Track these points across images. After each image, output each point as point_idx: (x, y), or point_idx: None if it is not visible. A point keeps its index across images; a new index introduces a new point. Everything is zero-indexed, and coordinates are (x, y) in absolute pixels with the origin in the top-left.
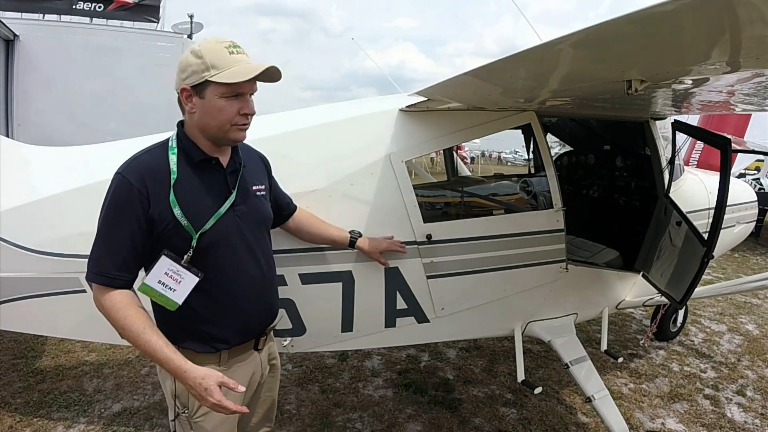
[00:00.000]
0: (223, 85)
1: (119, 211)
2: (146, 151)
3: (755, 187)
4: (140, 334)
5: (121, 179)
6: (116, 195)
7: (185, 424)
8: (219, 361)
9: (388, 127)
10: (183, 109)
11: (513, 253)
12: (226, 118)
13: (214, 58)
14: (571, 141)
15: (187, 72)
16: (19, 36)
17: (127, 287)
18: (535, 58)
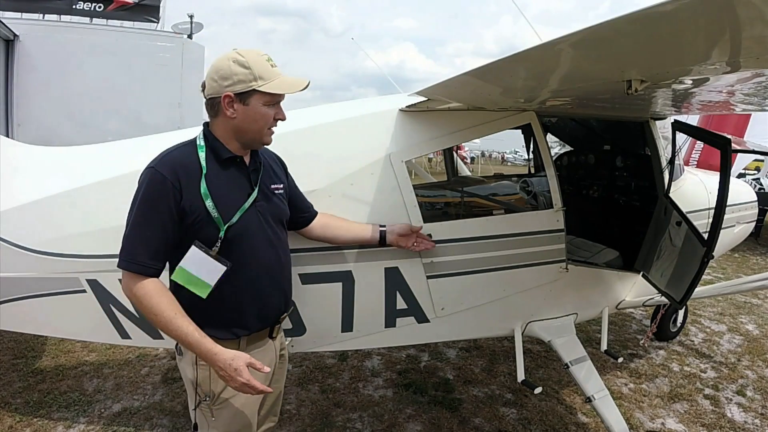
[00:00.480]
0: (268, 95)
1: (153, 203)
2: (175, 147)
3: (755, 187)
4: (172, 319)
5: (154, 172)
6: (149, 187)
7: (206, 411)
8: (238, 347)
9: (388, 127)
10: (215, 111)
11: (513, 253)
12: (266, 123)
13: (260, 70)
14: (571, 141)
15: (232, 80)
16: (19, 36)
17: (157, 276)
18: (535, 58)
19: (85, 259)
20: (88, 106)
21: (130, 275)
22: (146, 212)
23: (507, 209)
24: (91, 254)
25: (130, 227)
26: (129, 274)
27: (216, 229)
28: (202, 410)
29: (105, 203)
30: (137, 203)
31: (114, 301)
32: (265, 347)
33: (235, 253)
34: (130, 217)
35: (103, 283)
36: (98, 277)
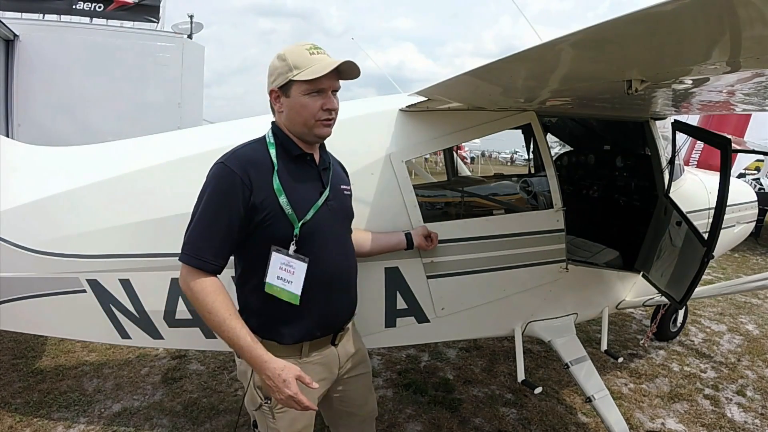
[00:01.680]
0: (305, 83)
1: (222, 198)
2: (245, 144)
3: (755, 187)
4: (225, 320)
5: (223, 167)
6: (219, 182)
7: (267, 414)
8: (300, 354)
9: (388, 127)
10: (272, 109)
11: (513, 253)
12: (310, 113)
13: (296, 59)
14: (571, 141)
15: (274, 75)
16: (19, 36)
17: (217, 273)
18: (535, 58)
19: (85, 259)
20: (88, 106)
21: (189, 269)
22: (214, 207)
23: (507, 209)
24: (91, 254)
25: (197, 221)
26: (189, 268)
27: (289, 226)
28: (264, 413)
29: (105, 203)
30: (205, 197)
31: (114, 301)
32: (328, 354)
33: (307, 252)
34: (197, 210)
35: (103, 283)
36: (98, 277)
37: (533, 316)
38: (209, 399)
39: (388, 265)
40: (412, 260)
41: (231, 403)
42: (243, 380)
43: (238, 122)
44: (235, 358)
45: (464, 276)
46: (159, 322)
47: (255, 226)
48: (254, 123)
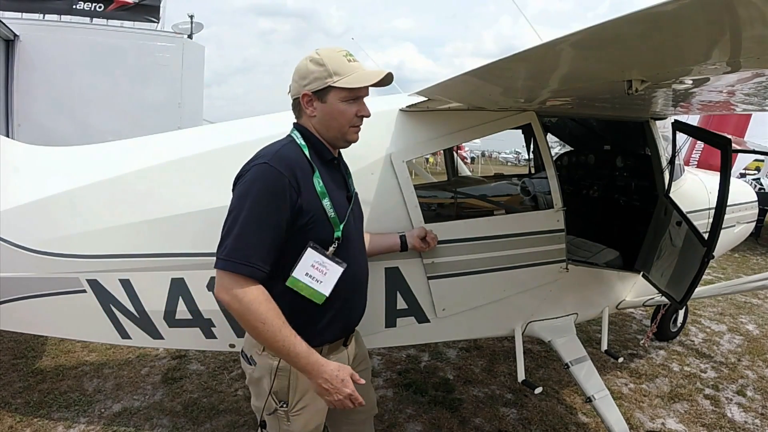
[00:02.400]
0: (345, 90)
1: (270, 200)
2: (279, 145)
3: (755, 187)
4: (281, 329)
5: (269, 168)
6: (267, 184)
7: (282, 418)
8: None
9: (388, 127)
10: (299, 112)
11: (513, 253)
12: (347, 119)
13: (336, 66)
14: (571, 141)
15: (308, 79)
16: (19, 36)
17: (264, 281)
18: (535, 58)
19: (85, 259)
20: (88, 106)
21: (235, 278)
22: (262, 211)
23: (508, 209)
24: (91, 254)
25: (241, 225)
26: (235, 276)
27: (331, 230)
28: (278, 417)
29: (105, 203)
30: (250, 200)
31: (114, 301)
32: (341, 356)
33: (343, 256)
34: (239, 214)
35: (103, 283)
36: (98, 277)
37: (533, 316)
38: (209, 399)
39: (388, 265)
40: (413, 260)
41: (231, 403)
42: (253, 386)
43: (238, 122)
44: (245, 364)
45: (465, 276)
46: (159, 322)
47: (297, 229)
48: (254, 123)
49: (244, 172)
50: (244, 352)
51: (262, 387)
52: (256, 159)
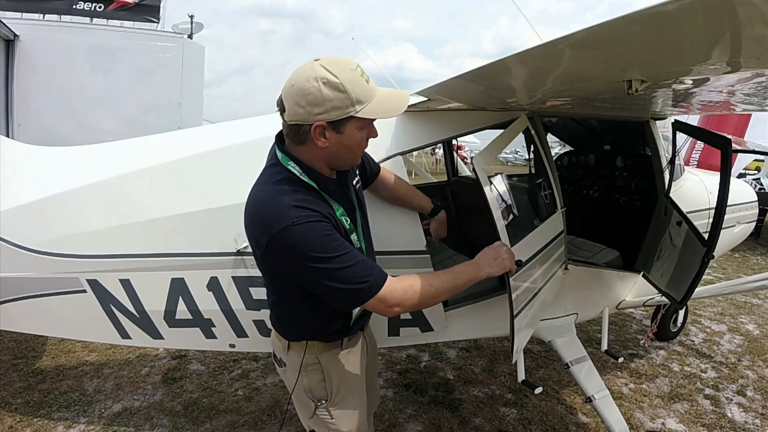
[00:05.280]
0: (365, 120)
1: (333, 235)
2: (286, 193)
3: (755, 187)
4: (447, 280)
5: (309, 215)
6: (317, 228)
7: (325, 414)
8: (341, 346)
9: (388, 127)
10: (301, 139)
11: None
12: (362, 149)
13: (358, 92)
14: (571, 141)
15: (325, 107)
16: (19, 36)
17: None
18: (535, 59)
19: (85, 259)
20: (88, 106)
21: (386, 287)
22: (336, 241)
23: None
24: (91, 254)
25: (338, 265)
26: (385, 287)
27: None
28: (320, 415)
29: (105, 203)
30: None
31: (114, 301)
32: (360, 341)
33: None
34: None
35: (103, 283)
36: (98, 277)
37: None
38: (209, 399)
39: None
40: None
41: (231, 403)
42: (291, 387)
43: (238, 122)
44: (278, 368)
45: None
46: (159, 322)
47: None
48: (254, 123)
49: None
50: (275, 355)
51: (299, 388)
52: (284, 219)
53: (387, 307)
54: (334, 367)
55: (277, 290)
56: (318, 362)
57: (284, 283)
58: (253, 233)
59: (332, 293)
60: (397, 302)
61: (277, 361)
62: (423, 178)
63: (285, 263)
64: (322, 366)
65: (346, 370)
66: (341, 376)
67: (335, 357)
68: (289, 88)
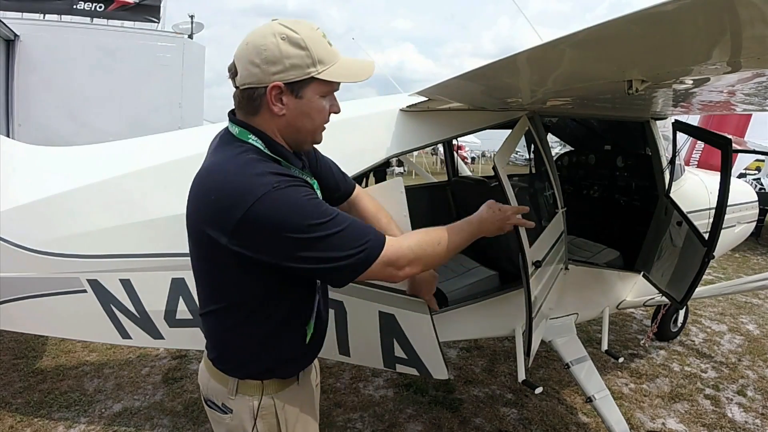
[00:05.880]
0: (328, 83)
1: (315, 197)
2: (263, 161)
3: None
4: (450, 235)
5: (290, 180)
6: (301, 191)
7: None
8: (298, 381)
9: (389, 127)
10: (255, 106)
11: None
12: (323, 119)
13: (321, 51)
14: (571, 141)
15: (283, 64)
16: (19, 36)
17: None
18: (535, 59)
19: (86, 259)
20: (88, 106)
21: (386, 249)
22: (325, 208)
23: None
24: (91, 254)
25: (333, 229)
26: (385, 250)
27: None
28: None
29: (105, 203)
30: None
31: (114, 301)
32: (312, 372)
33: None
34: (318, 226)
35: (103, 283)
36: (99, 277)
37: None
38: None
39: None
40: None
41: None
42: None
43: None
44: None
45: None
46: (159, 322)
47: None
48: None
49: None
50: (212, 401)
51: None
52: (249, 195)
53: (397, 270)
54: (291, 409)
55: (231, 308)
56: (273, 404)
57: (246, 290)
58: (216, 214)
59: (330, 265)
60: (407, 261)
61: (216, 407)
62: (423, 178)
63: (265, 241)
64: (276, 409)
65: (303, 412)
66: (297, 419)
67: (292, 396)
68: (242, 48)
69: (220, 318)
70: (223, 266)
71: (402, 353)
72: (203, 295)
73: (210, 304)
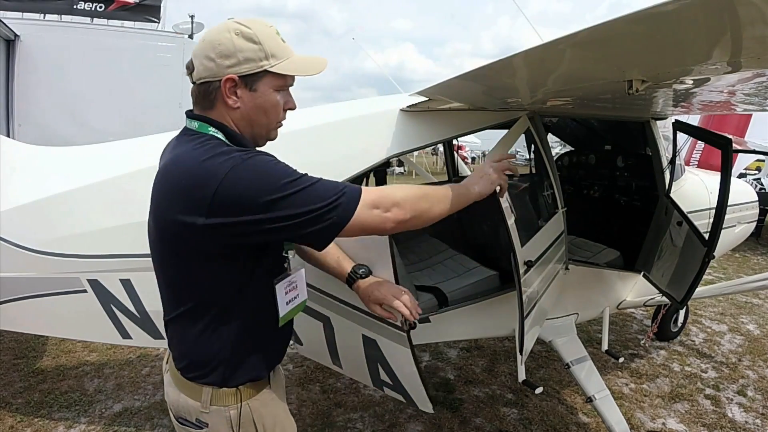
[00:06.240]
0: (280, 78)
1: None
2: (225, 146)
3: (756, 187)
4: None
5: (258, 152)
6: (269, 156)
7: None
8: (269, 383)
9: (389, 127)
10: (210, 100)
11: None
12: (277, 114)
13: (273, 46)
14: (571, 141)
15: (237, 58)
16: (19, 36)
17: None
18: (535, 59)
19: (86, 259)
20: (88, 106)
21: (364, 198)
22: (293, 169)
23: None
24: (91, 254)
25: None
26: (363, 198)
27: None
28: None
29: (106, 203)
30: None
31: (115, 301)
32: (280, 372)
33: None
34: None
35: (103, 283)
36: (99, 277)
37: None
38: None
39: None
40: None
41: None
42: None
43: None
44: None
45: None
46: (159, 322)
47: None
48: None
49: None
50: (184, 419)
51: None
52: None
53: (384, 212)
54: (268, 414)
55: (200, 307)
56: (250, 412)
57: (218, 283)
58: (189, 195)
59: (313, 215)
60: (392, 202)
61: (190, 424)
62: (423, 178)
63: (243, 208)
64: (254, 417)
65: (279, 416)
66: (275, 424)
67: (267, 400)
68: (199, 45)
69: (189, 320)
70: (196, 257)
71: (387, 378)
72: (170, 299)
73: (178, 307)
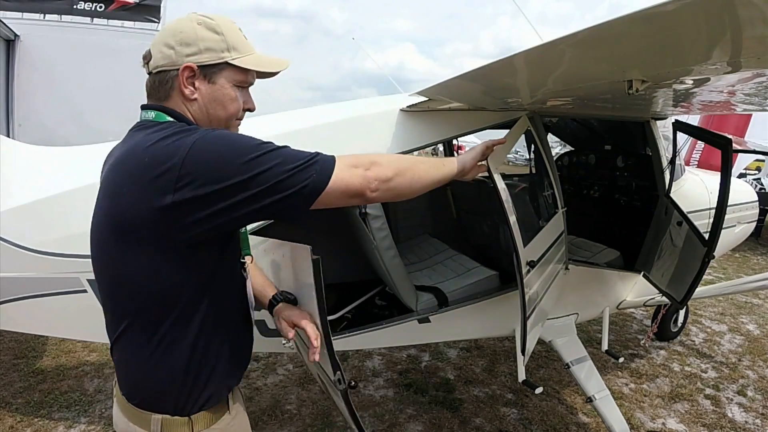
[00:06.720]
0: (241, 72)
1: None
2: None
3: (756, 187)
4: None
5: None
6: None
7: None
8: (229, 408)
9: (389, 127)
10: (166, 90)
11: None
12: (236, 110)
13: (235, 39)
14: (572, 141)
15: (197, 46)
16: (19, 36)
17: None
18: (535, 59)
19: (86, 259)
20: (88, 106)
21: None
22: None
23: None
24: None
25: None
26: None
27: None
28: None
29: None
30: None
31: None
32: (239, 396)
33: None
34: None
35: None
36: None
37: None
38: None
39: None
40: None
41: None
42: None
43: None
44: None
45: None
46: None
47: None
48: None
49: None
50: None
51: None
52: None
53: (365, 170)
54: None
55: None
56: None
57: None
58: (154, 171)
59: (291, 174)
60: (370, 162)
61: None
62: None
63: (215, 175)
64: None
65: None
66: None
67: (228, 428)
68: (159, 33)
69: (137, 335)
70: (158, 251)
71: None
72: (116, 310)
73: (125, 318)
